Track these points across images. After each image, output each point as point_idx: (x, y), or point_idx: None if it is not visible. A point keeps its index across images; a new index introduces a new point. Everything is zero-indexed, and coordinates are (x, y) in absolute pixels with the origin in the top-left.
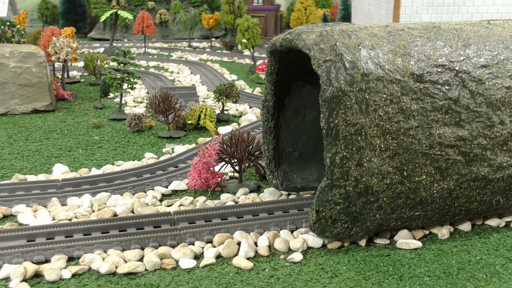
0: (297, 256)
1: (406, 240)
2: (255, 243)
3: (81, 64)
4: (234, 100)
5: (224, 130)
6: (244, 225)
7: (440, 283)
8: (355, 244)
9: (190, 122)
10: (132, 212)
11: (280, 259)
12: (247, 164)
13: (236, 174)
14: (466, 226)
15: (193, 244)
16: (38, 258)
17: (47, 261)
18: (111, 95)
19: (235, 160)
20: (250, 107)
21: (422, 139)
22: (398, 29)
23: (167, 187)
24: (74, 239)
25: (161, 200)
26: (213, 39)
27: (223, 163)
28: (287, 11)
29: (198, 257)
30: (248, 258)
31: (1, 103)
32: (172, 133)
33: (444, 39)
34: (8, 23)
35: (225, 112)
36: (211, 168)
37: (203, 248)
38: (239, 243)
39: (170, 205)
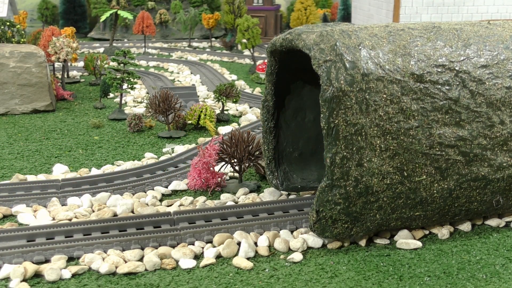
0: (297, 256)
1: (406, 240)
2: (255, 243)
3: (81, 64)
4: (234, 100)
5: (224, 130)
6: (244, 225)
7: (440, 283)
8: (355, 244)
9: (190, 122)
10: (132, 212)
11: (280, 259)
12: (247, 164)
13: (236, 174)
14: (466, 226)
15: (193, 244)
16: (38, 258)
17: (47, 261)
18: (111, 95)
19: (235, 160)
20: (250, 107)
21: (422, 139)
22: (398, 29)
23: (167, 187)
24: (74, 239)
25: (161, 200)
26: (213, 39)
27: (223, 163)
28: (287, 11)
29: (198, 257)
30: (248, 258)
31: (1, 103)
32: (172, 133)
33: (444, 39)
34: (8, 23)
35: (225, 112)
36: (211, 168)
37: (203, 248)
38: (239, 243)
39: (170, 205)
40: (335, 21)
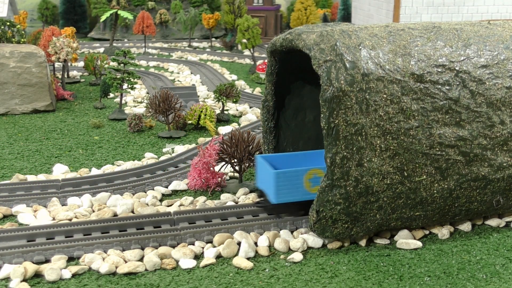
0: (297, 256)
1: (406, 240)
2: (255, 243)
3: (81, 64)
4: (234, 100)
5: (224, 130)
6: (244, 225)
7: (440, 283)
8: (355, 244)
9: (190, 122)
10: (132, 212)
11: (280, 259)
12: (247, 164)
13: (236, 174)
14: (466, 226)
15: (193, 244)
16: (38, 258)
17: (47, 261)
18: (111, 95)
19: (235, 160)
20: (250, 107)
21: (422, 139)
22: (398, 29)
23: (167, 187)
24: (74, 239)
25: (161, 200)
26: (213, 39)
27: (223, 163)
28: (287, 11)
29: (198, 257)
30: (248, 258)
31: (1, 103)
32: (172, 133)
33: (444, 39)
34: (8, 23)
35: (225, 112)
36: (211, 168)
37: (203, 248)
38: (239, 243)
39: (170, 205)
40: (335, 21)
